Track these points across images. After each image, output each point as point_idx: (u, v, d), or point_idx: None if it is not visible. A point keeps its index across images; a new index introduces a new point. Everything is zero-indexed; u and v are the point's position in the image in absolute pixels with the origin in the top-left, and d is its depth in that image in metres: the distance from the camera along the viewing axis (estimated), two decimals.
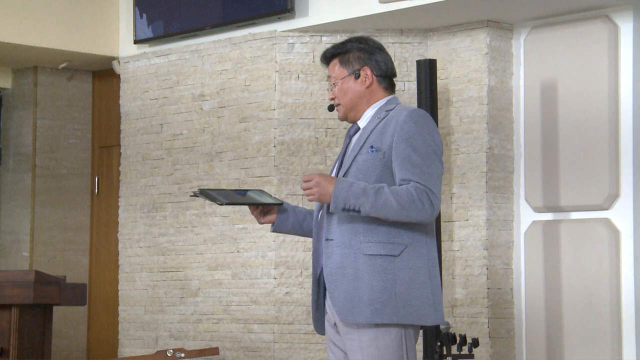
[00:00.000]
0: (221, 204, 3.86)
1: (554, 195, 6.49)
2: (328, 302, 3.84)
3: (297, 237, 6.85)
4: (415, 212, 3.68)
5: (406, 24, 6.78)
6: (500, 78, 6.66)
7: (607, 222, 6.30)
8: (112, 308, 7.97)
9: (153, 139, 7.71)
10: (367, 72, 3.89)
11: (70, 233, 8.33)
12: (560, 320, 6.41)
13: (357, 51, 3.90)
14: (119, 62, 8.01)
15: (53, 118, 8.33)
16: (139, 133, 7.81)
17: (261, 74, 7.12)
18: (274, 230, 4.03)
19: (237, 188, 3.82)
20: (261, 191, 3.98)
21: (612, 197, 6.29)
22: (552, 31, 6.56)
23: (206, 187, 3.93)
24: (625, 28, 6.30)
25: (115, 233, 7.99)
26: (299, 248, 6.91)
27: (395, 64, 4.58)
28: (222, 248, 7.24)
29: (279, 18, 7.00)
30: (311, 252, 6.88)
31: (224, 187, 7.22)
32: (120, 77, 8.00)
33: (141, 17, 7.74)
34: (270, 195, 4.00)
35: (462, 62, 6.68)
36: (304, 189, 3.74)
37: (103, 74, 8.38)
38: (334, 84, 3.92)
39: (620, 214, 6.27)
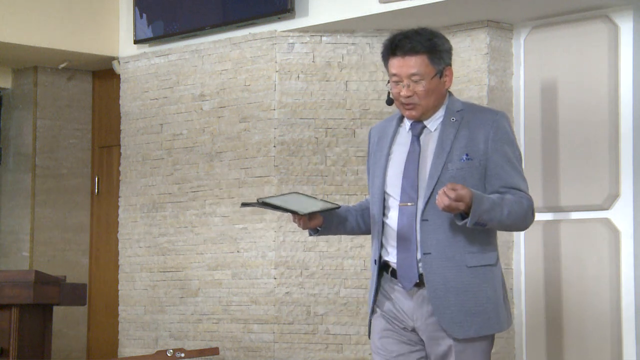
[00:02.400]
0: (303, 214, 3.70)
1: (554, 195, 6.49)
2: (405, 308, 3.71)
3: (297, 237, 6.86)
4: (525, 223, 3.69)
5: (406, 24, 6.74)
6: (500, 78, 6.66)
7: (607, 222, 6.29)
8: (112, 308, 7.97)
9: (153, 139, 7.71)
10: (448, 72, 3.70)
11: (70, 233, 8.33)
12: (560, 320, 6.41)
13: (443, 49, 3.68)
14: (119, 62, 8.00)
15: (53, 118, 8.33)
16: (139, 133, 7.81)
17: (261, 74, 7.12)
18: (317, 235, 3.85)
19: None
20: (297, 193, 3.81)
21: (612, 197, 6.29)
22: (552, 31, 6.56)
23: (264, 198, 3.73)
24: (625, 28, 6.30)
25: (115, 233, 7.98)
26: (299, 248, 6.91)
27: None
28: (222, 248, 7.24)
29: (279, 18, 7.00)
30: (310, 253, 6.90)
31: (224, 187, 7.23)
32: (120, 77, 8.00)
33: (141, 17, 7.74)
34: (314, 197, 3.83)
35: (462, 62, 6.68)
36: (452, 206, 3.47)
37: (103, 74, 8.38)
38: (416, 81, 3.65)
39: (620, 214, 6.27)
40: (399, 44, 3.66)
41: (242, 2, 7.15)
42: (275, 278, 6.95)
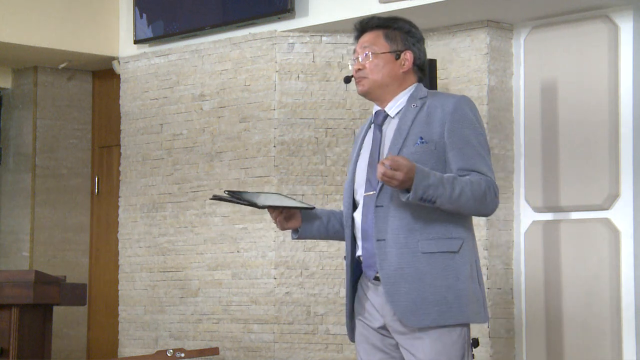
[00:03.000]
0: (263, 207, 3.62)
1: (554, 195, 6.49)
2: (376, 304, 3.61)
3: None
4: (484, 205, 3.56)
5: None
6: (500, 78, 6.66)
7: (607, 222, 6.29)
8: (112, 308, 7.97)
9: (153, 139, 7.71)
10: (407, 56, 3.67)
11: (70, 233, 8.33)
12: (560, 320, 6.41)
13: (405, 32, 3.71)
14: (119, 62, 8.01)
15: (53, 118, 8.33)
16: (139, 133, 7.81)
17: (261, 74, 7.12)
18: (297, 237, 3.80)
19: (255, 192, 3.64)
20: (279, 194, 3.74)
21: (612, 197, 6.29)
22: (552, 31, 6.56)
23: (232, 190, 3.65)
24: (625, 28, 6.30)
25: (115, 233, 7.98)
26: (299, 248, 6.91)
27: None
28: (222, 248, 7.24)
29: (279, 18, 7.00)
30: (310, 253, 6.90)
31: (224, 187, 7.22)
32: (120, 77, 8.00)
33: (141, 17, 7.74)
34: (292, 198, 3.76)
35: (462, 62, 6.68)
36: (387, 174, 3.35)
37: (103, 74, 8.38)
38: (367, 54, 3.66)
39: (620, 214, 6.27)
40: (367, 21, 3.74)
41: (242, 2, 7.16)
42: (275, 278, 6.95)
